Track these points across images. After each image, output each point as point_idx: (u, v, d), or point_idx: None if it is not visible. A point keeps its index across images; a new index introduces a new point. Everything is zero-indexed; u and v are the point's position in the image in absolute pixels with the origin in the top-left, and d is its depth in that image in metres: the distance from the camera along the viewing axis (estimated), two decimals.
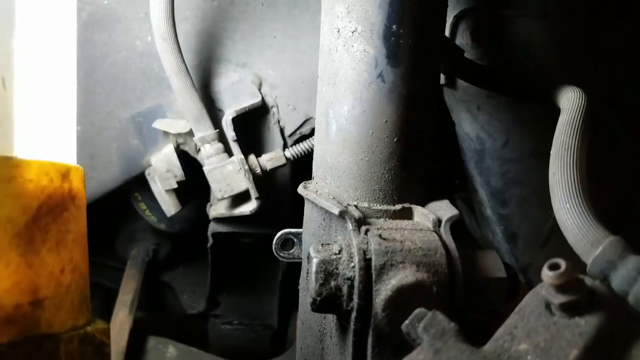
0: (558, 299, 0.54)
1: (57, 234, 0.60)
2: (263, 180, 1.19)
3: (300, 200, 0.95)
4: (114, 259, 1.66)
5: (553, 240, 1.39)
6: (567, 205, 0.66)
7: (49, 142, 0.67)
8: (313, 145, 1.20)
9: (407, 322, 0.57)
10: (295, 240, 0.99)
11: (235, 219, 1.26)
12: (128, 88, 1.24)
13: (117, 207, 1.58)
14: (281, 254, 0.99)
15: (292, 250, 0.99)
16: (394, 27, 0.76)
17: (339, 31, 0.79)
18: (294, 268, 0.99)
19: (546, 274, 0.53)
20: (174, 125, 1.18)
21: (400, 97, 0.79)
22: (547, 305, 0.56)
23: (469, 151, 1.30)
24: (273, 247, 0.99)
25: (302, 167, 1.25)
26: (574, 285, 0.53)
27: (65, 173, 0.64)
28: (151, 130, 1.24)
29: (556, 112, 0.94)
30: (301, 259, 0.99)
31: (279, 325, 1.57)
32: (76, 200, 0.64)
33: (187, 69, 1.09)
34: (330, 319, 0.79)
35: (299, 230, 0.98)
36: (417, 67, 0.79)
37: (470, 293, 0.70)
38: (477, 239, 1.56)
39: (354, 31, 0.78)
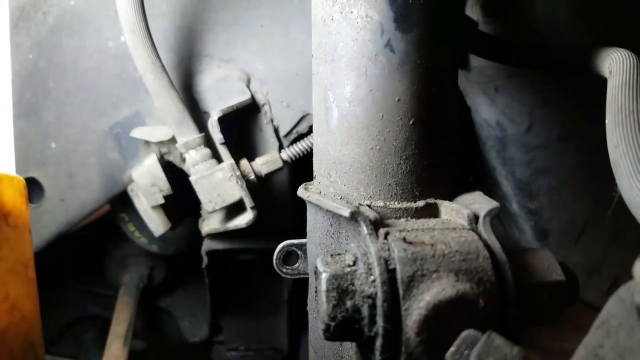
0: None
1: None
2: (258, 187, 1.05)
3: (303, 207, 0.81)
4: (106, 287, 1.54)
5: (588, 233, 1.26)
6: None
7: None
8: (313, 143, 1.07)
9: (453, 349, 0.42)
10: (299, 252, 0.85)
11: (230, 234, 1.12)
12: (102, 96, 1.11)
13: (105, 229, 1.47)
14: (284, 270, 0.85)
15: (296, 265, 0.86)
16: None
17: None
18: (301, 284, 0.86)
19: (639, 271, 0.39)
20: (154, 133, 1.05)
21: (414, 70, 0.65)
22: None
23: (488, 139, 1.16)
24: (274, 262, 0.85)
25: (301, 169, 1.11)
26: None
27: None
28: (131, 141, 1.11)
29: (597, 84, 0.80)
30: (307, 274, 0.85)
31: (289, 349, 1.44)
32: (10, 219, 0.50)
33: (162, 65, 0.96)
34: (349, 346, 0.64)
35: (303, 240, 0.84)
36: (433, 32, 0.65)
37: (523, 303, 0.55)
38: (500, 238, 1.42)
39: None
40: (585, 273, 1.26)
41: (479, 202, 0.62)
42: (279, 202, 1.16)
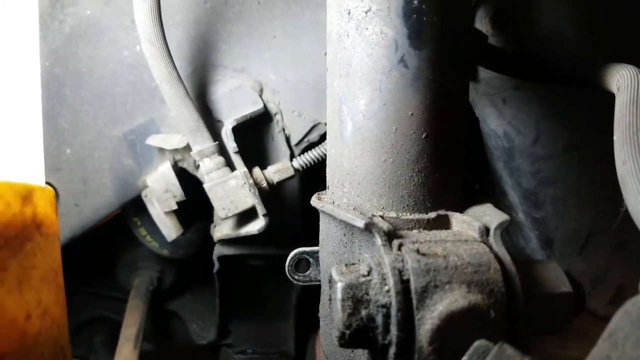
0: None
1: (19, 271, 0.48)
2: (270, 194, 1.07)
3: (312, 215, 0.83)
4: (116, 290, 1.57)
5: (592, 243, 1.27)
6: None
7: (6, 157, 0.56)
8: (323, 152, 1.09)
9: (465, 358, 0.44)
10: (310, 260, 0.87)
11: (242, 240, 1.14)
12: (118, 104, 1.14)
13: (116, 233, 1.49)
14: (295, 277, 0.87)
15: (307, 272, 0.88)
16: (415, 2, 0.65)
17: (349, 13, 0.68)
18: (309, 290, 0.87)
19: None
20: (169, 140, 1.07)
21: (427, 85, 0.67)
22: None
23: (496, 150, 1.18)
24: (286, 269, 0.87)
25: (312, 178, 1.13)
26: None
27: (26, 195, 0.52)
28: (145, 148, 1.13)
29: (601, 96, 0.82)
30: (318, 281, 0.87)
31: (296, 352, 1.45)
32: (43, 228, 0.52)
33: (179, 75, 0.98)
34: (361, 352, 0.66)
35: (315, 248, 0.86)
36: (445, 49, 0.67)
37: (532, 314, 0.57)
38: (510, 251, 1.43)
39: (368, 11, 0.66)
40: (589, 282, 1.27)
41: (490, 215, 0.64)
42: (290, 209, 1.18)
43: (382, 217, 0.66)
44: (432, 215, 0.67)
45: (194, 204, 1.13)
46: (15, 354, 0.48)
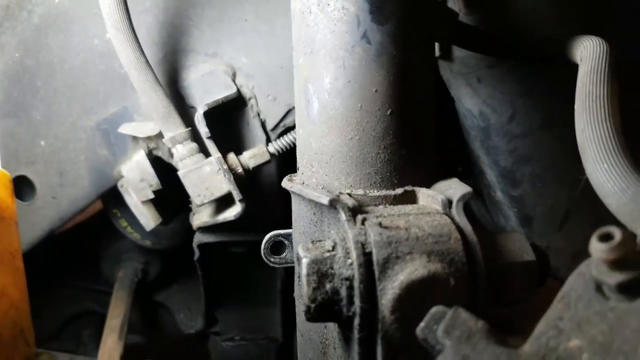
0: (614, 278, 0.41)
1: None
2: (246, 180, 1.07)
3: (291, 200, 0.83)
4: (102, 283, 1.57)
5: (571, 219, 1.28)
6: (605, 165, 0.54)
7: None
8: None
9: (422, 324, 0.45)
10: (286, 242, 0.87)
11: (221, 227, 1.14)
12: (90, 93, 1.13)
13: (99, 226, 1.49)
14: (272, 260, 0.87)
15: (283, 254, 0.88)
16: None
17: None
18: (294, 275, 0.87)
19: (596, 247, 0.41)
20: (141, 128, 1.07)
21: (390, 61, 0.67)
22: (599, 288, 0.43)
23: (472, 129, 1.18)
24: (262, 252, 0.87)
25: (290, 163, 1.13)
26: (634, 259, 0.41)
27: None
28: (119, 138, 1.12)
29: (570, 70, 0.82)
30: (294, 262, 0.87)
31: (284, 338, 1.46)
32: None
33: (147, 61, 0.97)
34: (332, 328, 0.67)
35: (289, 230, 0.86)
36: (408, 24, 0.67)
37: (494, 283, 0.57)
38: (487, 226, 1.44)
39: None
40: (570, 258, 1.28)
41: (454, 188, 0.65)
42: (268, 194, 1.18)
43: (349, 194, 0.67)
44: (399, 191, 0.67)
45: (177, 194, 1.13)
46: None
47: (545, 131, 1.18)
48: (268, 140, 1.14)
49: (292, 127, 1.15)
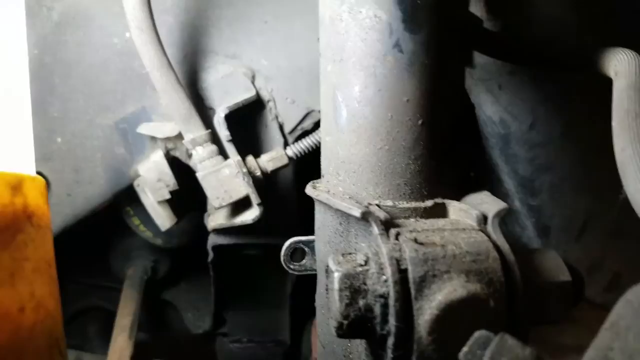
0: None
1: (10, 263, 0.47)
2: (264, 183, 1.05)
3: (307, 203, 0.82)
4: (109, 279, 1.55)
5: (589, 230, 1.27)
6: None
7: None
8: (318, 140, 1.07)
9: (465, 349, 0.43)
10: (306, 249, 0.86)
11: (236, 229, 1.13)
12: (108, 92, 1.11)
13: (109, 222, 1.48)
14: (291, 266, 0.86)
15: (303, 262, 0.87)
16: None
17: None
18: (304, 279, 0.87)
19: None
20: (160, 128, 1.05)
21: (423, 70, 0.65)
22: None
23: (492, 137, 1.17)
24: (282, 258, 0.86)
25: (305, 165, 1.12)
26: None
27: (16, 185, 0.50)
28: (137, 137, 1.11)
29: (597, 81, 0.81)
30: (314, 270, 0.86)
31: (291, 341, 1.45)
32: (34, 219, 0.51)
33: (169, 62, 0.96)
34: (358, 342, 0.66)
35: (310, 238, 0.85)
36: (440, 33, 0.66)
37: (530, 302, 0.56)
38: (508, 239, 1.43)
39: None
40: (585, 269, 1.27)
41: (487, 203, 0.63)
42: (284, 198, 1.17)
43: (378, 205, 0.65)
44: (429, 203, 0.66)
45: (187, 193, 1.12)
46: (9, 347, 0.47)
47: (565, 140, 1.17)
48: (285, 143, 1.13)
49: (309, 130, 1.14)
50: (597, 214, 1.25)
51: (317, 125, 1.14)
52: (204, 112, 1.07)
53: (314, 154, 1.08)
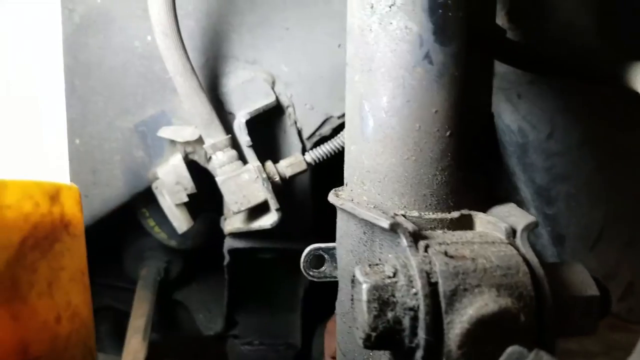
0: None
1: (49, 272, 0.47)
2: (282, 189, 1.06)
3: (322, 209, 0.82)
4: (122, 280, 1.56)
5: (604, 240, 1.27)
6: None
7: (33, 157, 0.54)
8: (336, 146, 1.08)
9: None
10: (325, 256, 0.86)
11: (252, 233, 1.14)
12: (128, 95, 1.12)
13: (123, 223, 1.48)
14: (310, 273, 0.86)
15: (322, 268, 0.87)
16: None
17: (372, 7, 0.66)
18: (316, 283, 0.87)
19: None
20: (181, 132, 1.06)
21: (452, 82, 0.65)
22: None
23: (510, 145, 1.17)
24: (301, 265, 0.86)
25: (321, 171, 1.13)
26: None
27: (54, 194, 0.51)
28: (156, 140, 1.12)
29: (616, 92, 0.81)
30: (333, 277, 0.86)
31: (302, 345, 1.46)
32: (70, 228, 0.51)
33: (192, 67, 0.96)
34: (381, 352, 0.66)
35: (330, 245, 0.85)
36: (471, 45, 0.66)
37: (558, 316, 0.56)
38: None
39: (392, 5, 0.65)
40: (600, 279, 1.27)
41: (515, 215, 0.63)
42: (300, 203, 1.17)
43: (404, 216, 0.66)
44: (455, 214, 0.66)
45: (201, 194, 1.13)
46: (47, 357, 0.47)
47: (582, 150, 1.17)
48: (303, 149, 1.14)
49: (327, 137, 1.14)
50: (612, 224, 1.25)
51: (335, 131, 1.14)
52: (224, 117, 1.07)
53: (331, 159, 1.09)
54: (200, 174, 1.13)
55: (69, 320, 0.50)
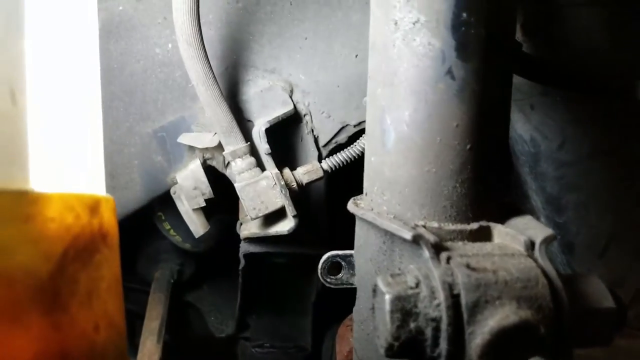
0: None
1: (88, 282, 0.49)
2: (299, 195, 1.08)
3: (336, 216, 0.84)
4: (135, 281, 1.58)
5: (613, 248, 1.29)
6: None
7: (72, 169, 0.56)
8: (353, 154, 1.10)
9: None
10: (342, 263, 0.88)
11: (268, 238, 1.16)
12: (148, 101, 1.14)
13: (138, 226, 1.50)
14: (328, 280, 0.89)
15: (339, 275, 0.89)
16: (464, 14, 0.65)
17: (396, 23, 0.68)
18: (328, 287, 0.89)
19: None
20: (200, 139, 1.08)
21: (473, 97, 0.67)
22: None
23: (522, 155, 1.19)
24: (319, 271, 0.89)
25: (335, 178, 1.15)
26: None
27: (94, 206, 0.52)
28: (175, 146, 1.14)
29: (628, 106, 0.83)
30: (350, 284, 0.89)
31: (313, 348, 1.47)
32: (108, 239, 0.53)
33: (214, 76, 0.99)
34: None
35: (347, 252, 0.88)
36: (491, 61, 0.68)
37: (575, 328, 0.58)
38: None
39: (416, 22, 0.67)
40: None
41: (533, 228, 0.65)
42: (315, 209, 1.19)
43: (424, 227, 0.67)
44: (475, 226, 0.68)
45: (214, 199, 1.15)
46: None
47: (593, 160, 1.18)
48: (320, 157, 1.16)
49: (343, 144, 1.16)
50: (621, 234, 1.26)
51: (351, 139, 1.16)
52: (243, 124, 1.09)
53: (347, 167, 1.11)
54: (215, 179, 1.15)
55: (105, 329, 0.51)
